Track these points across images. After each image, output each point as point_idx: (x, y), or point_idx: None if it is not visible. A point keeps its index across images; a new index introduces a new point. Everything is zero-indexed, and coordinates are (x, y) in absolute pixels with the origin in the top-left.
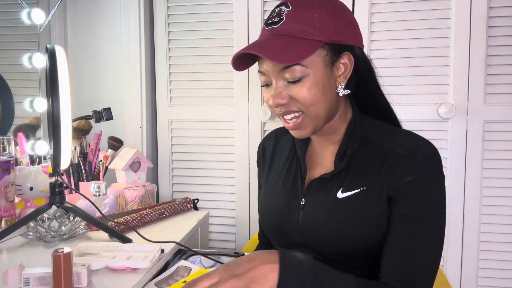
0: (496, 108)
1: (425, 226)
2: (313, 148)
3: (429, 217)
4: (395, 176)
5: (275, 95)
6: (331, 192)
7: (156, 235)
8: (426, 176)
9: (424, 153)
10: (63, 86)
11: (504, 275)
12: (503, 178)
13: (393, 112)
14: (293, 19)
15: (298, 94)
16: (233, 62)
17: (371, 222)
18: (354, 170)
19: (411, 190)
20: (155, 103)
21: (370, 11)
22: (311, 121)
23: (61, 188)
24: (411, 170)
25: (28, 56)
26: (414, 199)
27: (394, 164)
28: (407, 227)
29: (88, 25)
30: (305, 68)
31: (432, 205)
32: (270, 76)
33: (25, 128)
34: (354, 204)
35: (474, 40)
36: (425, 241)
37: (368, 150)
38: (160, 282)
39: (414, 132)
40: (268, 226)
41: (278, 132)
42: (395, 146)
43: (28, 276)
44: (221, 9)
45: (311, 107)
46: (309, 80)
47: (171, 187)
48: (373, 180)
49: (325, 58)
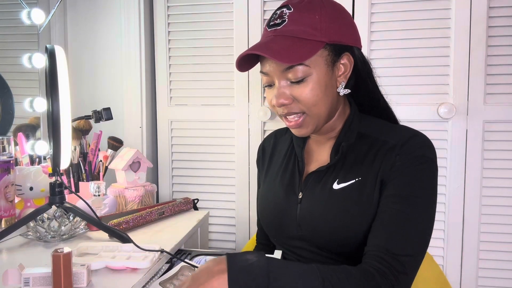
0: (496, 108)
1: (413, 206)
2: (310, 145)
3: (418, 197)
4: (388, 164)
5: (279, 95)
6: (327, 184)
7: (156, 235)
8: (417, 160)
9: (417, 141)
10: (63, 86)
11: (504, 275)
12: (503, 178)
13: (391, 111)
14: (295, 20)
15: (301, 95)
16: (237, 63)
17: (367, 211)
18: (349, 162)
19: (401, 172)
20: (155, 103)
21: (370, 11)
22: (313, 121)
23: (61, 188)
24: (402, 156)
25: (28, 56)
26: (404, 180)
27: (388, 154)
28: (396, 206)
29: (88, 25)
30: (308, 68)
31: (422, 188)
32: (273, 77)
33: (25, 128)
34: (350, 194)
35: (474, 40)
36: (412, 221)
37: (364, 144)
38: (165, 282)
39: (408, 127)
40: (267, 222)
41: (277, 132)
42: (390, 138)
43: (28, 276)
44: (221, 9)
45: (313, 108)
46: (312, 80)
47: (171, 187)
48: (367, 170)
49: (326, 58)
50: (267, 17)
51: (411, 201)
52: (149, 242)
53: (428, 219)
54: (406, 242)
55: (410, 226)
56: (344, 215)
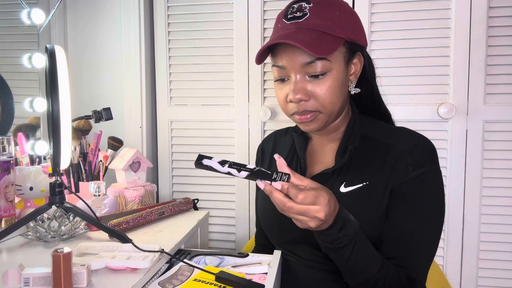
0: (496, 108)
1: (427, 224)
2: (312, 147)
3: (432, 215)
4: (400, 172)
5: (297, 90)
6: (334, 187)
7: (156, 235)
8: (429, 173)
9: (425, 150)
10: (63, 86)
11: (504, 275)
12: (503, 178)
13: (389, 114)
14: (317, 14)
15: (320, 91)
16: (259, 54)
17: (373, 216)
18: (355, 166)
19: (414, 189)
20: (155, 103)
21: (370, 11)
22: (324, 118)
23: (61, 188)
24: (414, 167)
25: (28, 56)
26: (418, 198)
27: (397, 160)
28: (409, 224)
29: (88, 25)
30: (330, 63)
31: (436, 206)
32: (289, 71)
33: (25, 128)
34: (357, 198)
35: (474, 40)
36: (425, 239)
37: (368, 147)
38: (164, 282)
39: (409, 129)
40: (267, 224)
41: (277, 134)
42: (396, 142)
43: (28, 276)
44: (221, 9)
45: (328, 105)
46: (332, 76)
47: (171, 187)
48: (376, 175)
49: (344, 55)
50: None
51: (424, 219)
52: (149, 242)
53: (439, 231)
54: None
55: (423, 243)
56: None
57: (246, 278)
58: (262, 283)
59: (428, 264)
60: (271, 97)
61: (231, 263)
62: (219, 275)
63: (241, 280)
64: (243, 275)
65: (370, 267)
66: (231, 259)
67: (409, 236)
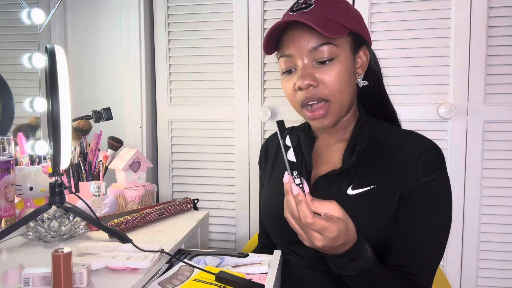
0: (496, 108)
1: (436, 233)
2: (318, 146)
3: (442, 223)
4: (409, 177)
5: (305, 75)
6: (341, 189)
7: (156, 235)
8: (439, 180)
9: (435, 155)
10: (63, 86)
11: (504, 275)
12: (503, 178)
13: (397, 115)
14: (322, 5)
15: (329, 77)
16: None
17: (379, 219)
18: (363, 168)
19: (424, 192)
20: (155, 103)
21: (370, 11)
22: (336, 110)
23: (61, 188)
24: (424, 172)
25: (28, 56)
26: (428, 207)
27: (405, 164)
28: (418, 231)
29: (88, 25)
30: (337, 48)
31: (446, 216)
32: (296, 58)
33: (25, 128)
34: (365, 201)
35: (474, 40)
36: (434, 246)
37: (376, 148)
38: (164, 282)
39: (418, 133)
40: (270, 224)
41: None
42: (405, 146)
43: (28, 276)
44: (221, 9)
45: (338, 93)
46: (339, 62)
47: (171, 187)
48: (384, 179)
49: (350, 44)
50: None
51: (434, 227)
52: (149, 242)
53: (447, 238)
54: (428, 265)
55: (432, 250)
56: (358, 221)
57: (246, 278)
58: (262, 283)
59: (435, 270)
60: (271, 97)
61: (231, 263)
62: (219, 275)
63: (241, 280)
64: (243, 275)
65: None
66: (231, 259)
67: (420, 243)
